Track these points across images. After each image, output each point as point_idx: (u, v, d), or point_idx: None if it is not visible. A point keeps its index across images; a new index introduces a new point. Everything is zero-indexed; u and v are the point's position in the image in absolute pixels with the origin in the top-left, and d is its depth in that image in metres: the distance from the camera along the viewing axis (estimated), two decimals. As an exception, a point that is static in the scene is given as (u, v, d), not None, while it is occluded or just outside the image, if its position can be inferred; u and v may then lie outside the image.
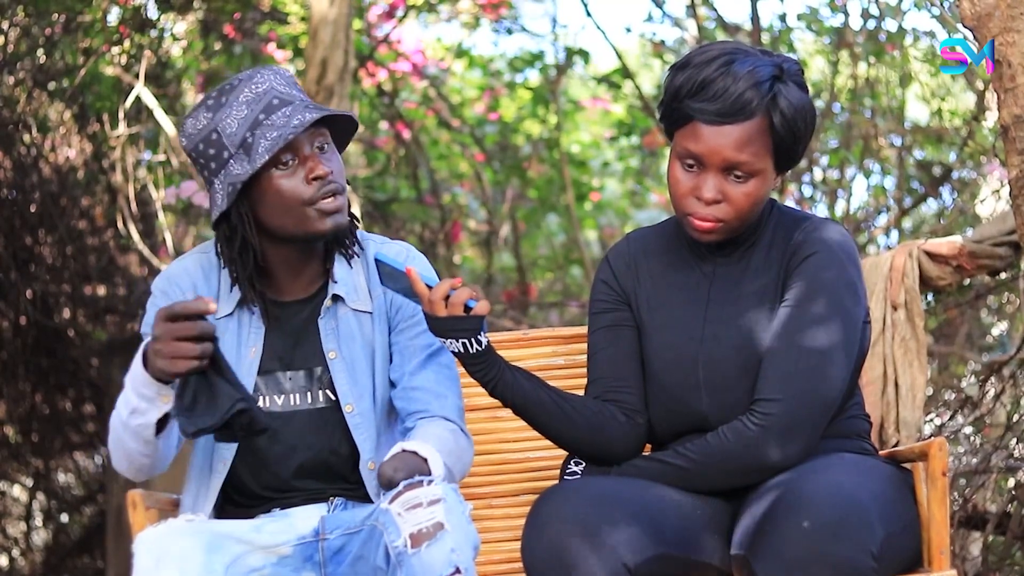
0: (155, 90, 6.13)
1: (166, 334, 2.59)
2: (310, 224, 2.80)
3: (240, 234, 2.82)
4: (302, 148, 2.79)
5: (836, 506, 2.52)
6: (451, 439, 2.80)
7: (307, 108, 2.79)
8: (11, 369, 6.20)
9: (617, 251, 2.97)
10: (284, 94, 2.81)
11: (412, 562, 2.54)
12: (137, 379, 2.67)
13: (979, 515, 4.42)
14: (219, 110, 2.80)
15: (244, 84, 2.82)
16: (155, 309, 2.86)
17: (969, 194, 6.43)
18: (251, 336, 2.88)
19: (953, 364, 6.00)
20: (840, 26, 6.48)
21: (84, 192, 6.34)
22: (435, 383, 2.87)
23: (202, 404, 2.60)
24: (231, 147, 2.79)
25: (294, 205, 2.79)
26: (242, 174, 2.76)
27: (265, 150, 2.74)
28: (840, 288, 2.76)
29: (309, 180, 2.78)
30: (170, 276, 2.91)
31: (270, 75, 2.84)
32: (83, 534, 7.16)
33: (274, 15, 6.99)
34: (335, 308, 2.89)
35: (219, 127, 2.80)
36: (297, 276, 2.89)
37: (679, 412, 2.84)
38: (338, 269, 2.90)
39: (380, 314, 2.91)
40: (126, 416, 2.70)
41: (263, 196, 2.80)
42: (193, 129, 2.82)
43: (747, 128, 2.73)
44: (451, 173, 7.98)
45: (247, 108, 2.79)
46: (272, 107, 2.79)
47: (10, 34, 5.78)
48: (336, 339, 2.87)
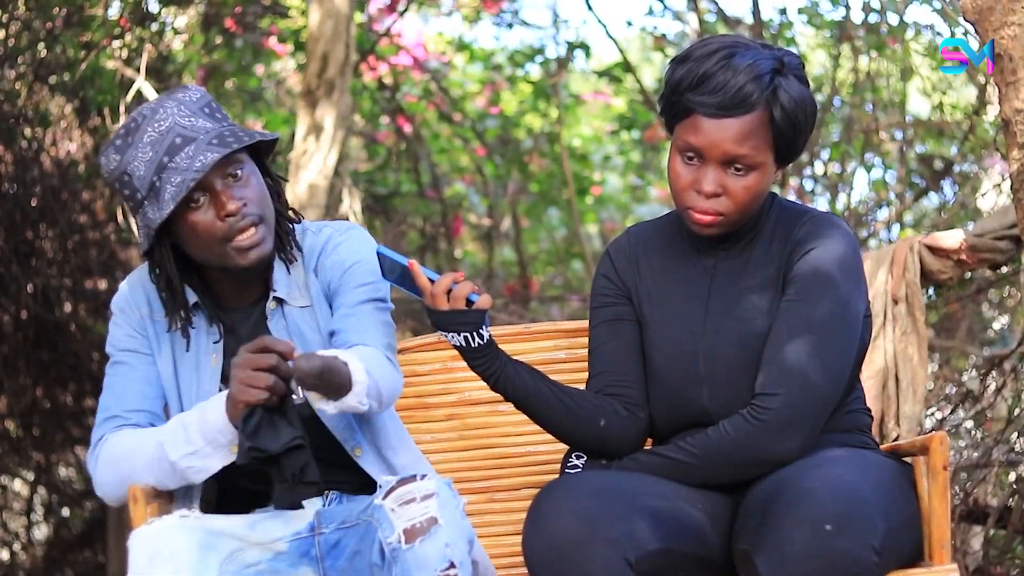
0: (156, 84, 6.12)
1: (246, 363, 2.63)
2: (230, 260, 2.79)
3: (163, 270, 2.84)
4: (212, 184, 2.76)
5: (838, 500, 2.52)
6: (373, 357, 2.76)
7: (210, 145, 2.74)
8: (12, 363, 6.19)
9: (618, 245, 2.97)
10: (187, 129, 2.76)
11: (406, 557, 2.54)
12: (211, 424, 2.69)
13: (980, 509, 4.43)
14: (126, 151, 2.78)
15: (147, 122, 2.77)
16: (115, 326, 2.92)
17: (970, 188, 6.43)
18: (209, 345, 2.89)
19: (954, 358, 6.00)
20: (841, 20, 6.47)
21: (85, 186, 6.34)
22: (357, 324, 2.84)
23: (263, 434, 2.64)
24: (142, 190, 2.77)
25: (212, 243, 2.78)
26: (155, 219, 2.76)
27: (171, 197, 2.72)
28: (841, 282, 2.76)
29: (221, 218, 2.76)
30: (124, 293, 2.93)
31: (173, 108, 2.78)
32: (84, 528, 7.17)
33: (275, 9, 6.99)
34: (280, 309, 2.89)
35: (128, 169, 2.78)
36: (240, 288, 2.90)
37: (680, 406, 2.84)
38: (278, 274, 2.89)
39: (319, 301, 2.90)
40: (176, 456, 2.71)
41: (181, 234, 2.80)
42: (107, 168, 2.82)
43: (747, 121, 2.72)
44: (452, 167, 7.98)
45: (151, 150, 2.76)
46: (175, 147, 2.75)
47: (11, 28, 5.78)
48: (288, 338, 2.87)
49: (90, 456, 2.86)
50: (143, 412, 2.86)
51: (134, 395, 2.87)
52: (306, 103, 5.64)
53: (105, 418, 2.86)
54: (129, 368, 2.89)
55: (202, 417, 2.71)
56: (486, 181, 7.71)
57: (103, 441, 2.83)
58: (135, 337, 2.90)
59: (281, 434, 2.64)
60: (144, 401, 2.86)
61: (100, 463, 2.82)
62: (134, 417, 2.85)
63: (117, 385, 2.89)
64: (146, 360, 2.89)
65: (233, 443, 2.69)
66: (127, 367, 2.89)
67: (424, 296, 2.76)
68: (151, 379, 2.88)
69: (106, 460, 2.81)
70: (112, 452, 2.80)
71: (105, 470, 2.81)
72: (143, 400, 2.87)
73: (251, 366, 2.63)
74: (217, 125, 2.79)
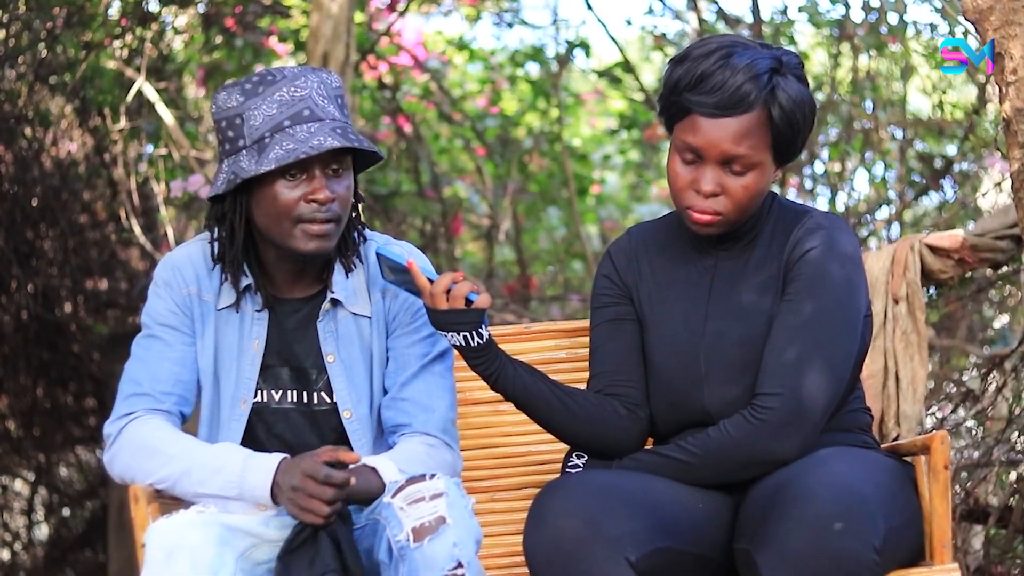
0: (156, 84, 6.12)
1: (307, 488, 2.61)
2: (293, 240, 2.79)
3: (228, 220, 2.82)
4: (313, 168, 2.77)
5: (839, 499, 2.52)
6: (425, 454, 2.80)
7: (333, 132, 2.75)
8: (12, 363, 6.19)
9: (618, 245, 2.97)
10: (319, 108, 2.77)
11: (414, 556, 2.54)
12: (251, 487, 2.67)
13: (981, 508, 4.42)
14: (252, 98, 2.78)
15: (285, 83, 2.78)
16: (156, 298, 2.87)
17: (970, 187, 6.43)
18: (254, 328, 2.87)
19: (955, 357, 6.00)
20: (841, 18, 6.47)
21: (85, 186, 6.33)
22: (425, 395, 2.86)
23: (301, 554, 2.61)
24: (248, 139, 2.77)
25: (284, 217, 2.78)
26: (247, 171, 2.75)
27: (275, 159, 2.73)
28: (841, 282, 2.76)
29: (307, 200, 2.77)
30: (173, 265, 2.89)
31: (315, 82, 2.79)
32: (85, 528, 7.16)
33: (275, 8, 6.98)
34: (334, 312, 2.88)
35: (245, 115, 2.78)
36: (295, 278, 2.88)
37: (681, 406, 2.84)
38: (336, 277, 2.88)
39: (379, 319, 2.90)
40: (203, 490, 2.70)
41: (261, 196, 2.79)
42: (224, 104, 2.80)
43: (745, 121, 2.72)
44: (452, 167, 7.98)
45: (277, 108, 2.76)
46: (301, 117, 2.76)
47: (11, 28, 5.78)
48: (335, 342, 2.87)
49: (111, 425, 2.80)
50: (176, 396, 2.83)
51: (168, 375, 2.83)
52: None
53: (136, 393, 2.82)
54: (165, 345, 2.85)
55: (243, 475, 2.68)
56: (486, 181, 7.71)
57: (134, 419, 2.79)
58: (177, 314, 2.86)
59: (317, 562, 2.61)
60: (177, 384, 2.83)
61: (124, 441, 2.78)
62: (167, 401, 2.81)
63: (151, 360, 2.84)
64: (184, 340, 2.86)
65: (262, 503, 2.68)
66: (163, 343, 2.85)
67: (423, 296, 2.77)
68: (187, 361, 2.85)
69: (131, 443, 2.77)
70: (139, 440, 2.76)
71: (126, 452, 2.77)
72: (176, 383, 2.83)
73: (311, 493, 2.61)
74: (344, 118, 2.81)
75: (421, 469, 2.71)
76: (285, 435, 2.85)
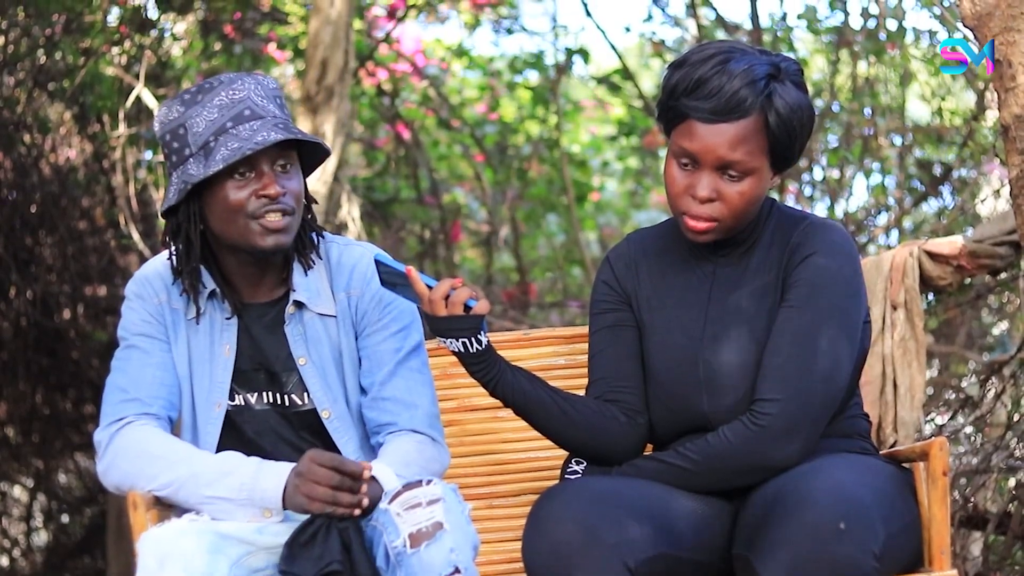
0: (155, 90, 6.13)
1: (313, 475, 2.62)
2: (251, 237, 2.80)
3: (184, 231, 2.84)
4: (260, 164, 2.79)
5: (838, 506, 2.52)
6: (415, 452, 2.80)
7: (275, 127, 2.78)
8: (12, 370, 6.19)
9: (617, 252, 2.97)
10: (259, 107, 2.80)
11: (411, 562, 2.54)
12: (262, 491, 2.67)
13: (980, 515, 4.42)
14: (193, 106, 2.80)
15: (223, 88, 2.81)
16: (130, 311, 2.90)
17: (969, 193, 6.43)
18: (224, 334, 2.88)
19: (953, 364, 6.00)
20: (840, 25, 6.48)
21: (84, 193, 6.34)
22: (406, 392, 2.87)
23: (311, 548, 2.60)
24: (193, 146, 2.79)
25: (238, 215, 2.79)
26: (196, 176, 2.77)
27: (222, 159, 2.74)
28: (840, 288, 2.76)
29: (258, 195, 2.78)
30: (142, 278, 2.92)
31: (251, 84, 2.83)
32: (84, 535, 7.16)
33: (274, 15, 6.99)
34: (300, 314, 2.89)
35: (187, 123, 2.80)
36: (256, 283, 2.89)
37: (680, 412, 2.83)
38: (297, 277, 2.89)
39: (344, 318, 2.90)
40: (211, 493, 2.69)
41: (213, 201, 2.80)
42: (164, 118, 2.83)
43: (742, 127, 2.72)
44: (451, 173, 7.99)
45: (218, 112, 2.79)
46: (242, 117, 2.79)
47: (10, 34, 5.78)
48: (305, 345, 2.87)
49: (101, 432, 2.80)
50: (163, 400, 2.83)
51: (152, 380, 2.84)
52: (305, 109, 5.65)
53: (125, 399, 2.82)
54: (144, 353, 2.86)
55: (256, 478, 2.68)
56: (485, 187, 7.71)
57: (127, 424, 2.79)
58: (151, 323, 2.88)
59: (327, 553, 2.60)
60: (162, 388, 2.84)
61: (117, 448, 2.78)
62: (155, 404, 2.82)
63: (133, 368, 2.85)
64: (162, 347, 2.87)
65: (269, 509, 2.68)
66: (142, 352, 2.86)
67: (422, 302, 2.76)
68: (167, 366, 2.86)
69: (125, 450, 2.77)
70: (138, 446, 2.76)
71: (121, 459, 2.77)
72: (161, 387, 2.84)
73: (317, 479, 2.62)
74: (284, 115, 2.83)
75: (414, 469, 2.72)
76: (266, 436, 2.86)
